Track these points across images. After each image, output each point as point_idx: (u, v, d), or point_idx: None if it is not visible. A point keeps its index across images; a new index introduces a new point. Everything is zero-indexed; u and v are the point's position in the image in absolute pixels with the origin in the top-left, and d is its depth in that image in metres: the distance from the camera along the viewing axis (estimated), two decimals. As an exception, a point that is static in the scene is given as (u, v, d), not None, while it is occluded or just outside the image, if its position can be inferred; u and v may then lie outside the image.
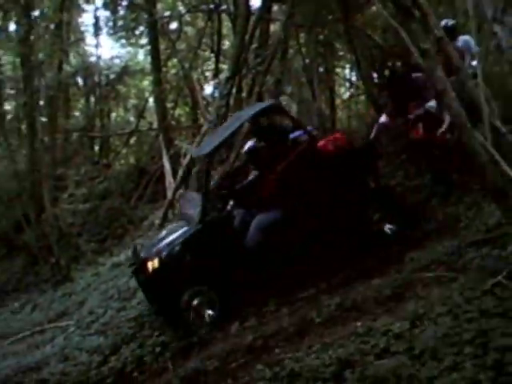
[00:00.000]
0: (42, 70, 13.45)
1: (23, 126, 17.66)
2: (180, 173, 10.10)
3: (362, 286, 5.15)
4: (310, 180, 6.16)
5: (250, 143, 6.80)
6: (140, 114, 15.30)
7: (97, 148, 18.20)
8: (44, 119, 15.31)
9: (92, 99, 18.76)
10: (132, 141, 17.22)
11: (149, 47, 14.48)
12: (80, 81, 18.25)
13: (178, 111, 16.01)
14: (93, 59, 18.01)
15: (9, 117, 17.78)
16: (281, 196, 6.11)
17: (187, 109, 16.80)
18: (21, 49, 12.55)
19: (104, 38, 26.84)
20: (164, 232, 6.90)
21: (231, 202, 6.57)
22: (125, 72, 16.69)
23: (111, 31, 17.10)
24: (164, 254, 6.00)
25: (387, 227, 6.24)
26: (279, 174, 6.19)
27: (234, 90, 10.47)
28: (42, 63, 12.96)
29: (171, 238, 6.25)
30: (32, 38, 12.50)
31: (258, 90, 10.05)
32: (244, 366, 4.54)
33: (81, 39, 18.70)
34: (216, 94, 11.90)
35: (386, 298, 4.60)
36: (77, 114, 19.64)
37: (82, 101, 19.67)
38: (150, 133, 15.64)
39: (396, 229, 6.21)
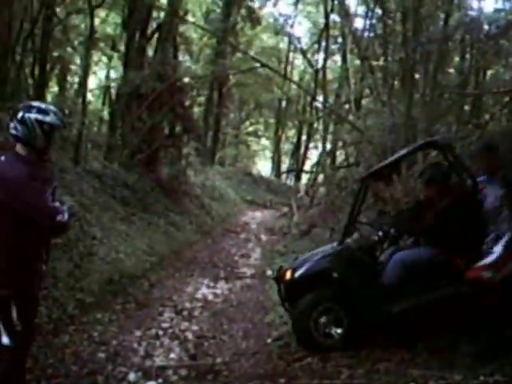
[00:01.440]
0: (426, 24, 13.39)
1: (395, 82, 18.13)
2: None
3: None
4: (466, 228, 5.52)
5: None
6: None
7: (468, 107, 17.62)
8: (418, 75, 15.34)
9: (468, 55, 18.12)
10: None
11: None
12: (458, 35, 17.73)
13: None
14: (474, 13, 17.27)
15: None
16: (435, 235, 5.71)
17: None
18: (409, 2, 12.67)
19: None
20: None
21: (381, 233, 6.31)
22: (510, 26, 15.52)
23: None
24: (297, 268, 6.21)
25: None
26: (438, 212, 5.76)
27: None
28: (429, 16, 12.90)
29: (315, 253, 6.58)
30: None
31: None
32: None
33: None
34: None
35: None
36: (451, 70, 19.27)
37: (457, 57, 19.20)
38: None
39: None
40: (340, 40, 23.33)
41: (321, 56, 26.09)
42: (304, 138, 35.84)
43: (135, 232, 11.54)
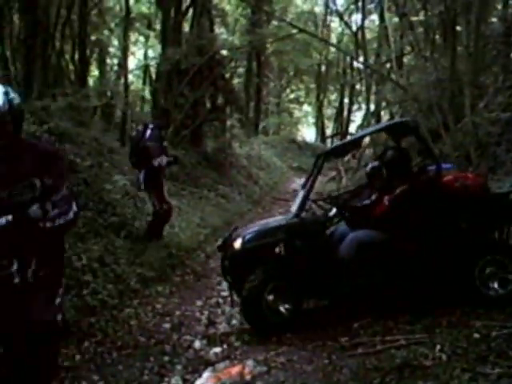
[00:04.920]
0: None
1: (437, 36, 17.67)
2: None
3: None
4: (425, 213, 5.72)
5: (373, 163, 6.71)
6: None
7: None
8: (460, 27, 14.92)
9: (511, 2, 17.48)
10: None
11: None
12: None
13: None
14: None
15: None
16: (390, 219, 5.80)
17: None
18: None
19: None
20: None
21: (334, 211, 6.30)
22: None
23: None
24: (247, 237, 5.90)
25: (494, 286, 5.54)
26: (395, 197, 5.86)
27: None
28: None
29: (267, 223, 6.46)
30: None
31: None
32: None
33: None
34: None
35: None
36: (494, 19, 18.66)
37: (500, 5, 18.56)
38: None
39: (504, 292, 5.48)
40: (377, -2, 22.82)
41: (358, 17, 25.54)
42: (346, 100, 35.43)
43: (187, 206, 11.75)
